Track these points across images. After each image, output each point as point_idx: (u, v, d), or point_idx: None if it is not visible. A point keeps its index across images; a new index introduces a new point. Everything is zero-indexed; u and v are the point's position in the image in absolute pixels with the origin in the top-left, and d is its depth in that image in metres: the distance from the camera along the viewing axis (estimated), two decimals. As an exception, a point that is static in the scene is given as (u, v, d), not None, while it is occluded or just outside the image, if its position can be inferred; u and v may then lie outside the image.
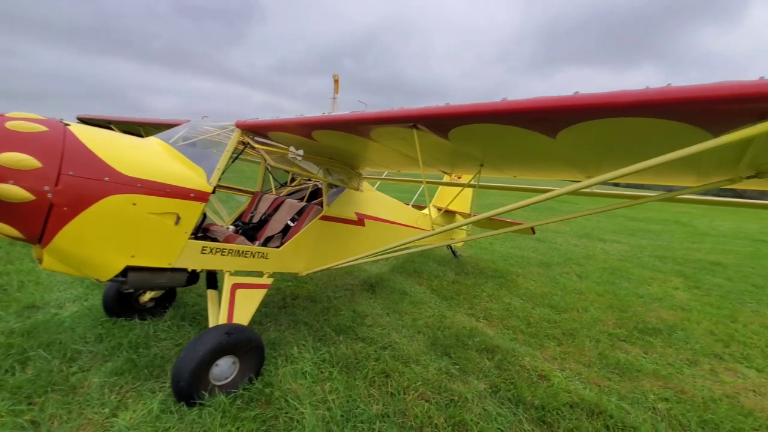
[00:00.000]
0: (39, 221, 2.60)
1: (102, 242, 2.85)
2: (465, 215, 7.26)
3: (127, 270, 3.03)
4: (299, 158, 3.77)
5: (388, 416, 3.01)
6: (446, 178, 6.39)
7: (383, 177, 6.14)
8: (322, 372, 3.51)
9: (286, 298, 5.13)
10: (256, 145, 3.47)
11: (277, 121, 3.17)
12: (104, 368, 3.30)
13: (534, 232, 6.97)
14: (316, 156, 4.07)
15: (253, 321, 4.25)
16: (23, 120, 2.64)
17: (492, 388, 3.56)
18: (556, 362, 4.19)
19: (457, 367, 3.87)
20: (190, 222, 3.19)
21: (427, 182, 4.41)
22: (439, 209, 7.12)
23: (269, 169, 5.29)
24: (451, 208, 7.08)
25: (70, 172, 2.65)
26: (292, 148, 3.72)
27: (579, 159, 2.55)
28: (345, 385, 3.33)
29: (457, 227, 3.24)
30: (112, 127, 6.52)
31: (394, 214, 5.43)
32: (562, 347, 4.53)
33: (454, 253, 8.19)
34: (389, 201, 5.46)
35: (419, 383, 3.50)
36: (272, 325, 4.35)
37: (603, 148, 2.19)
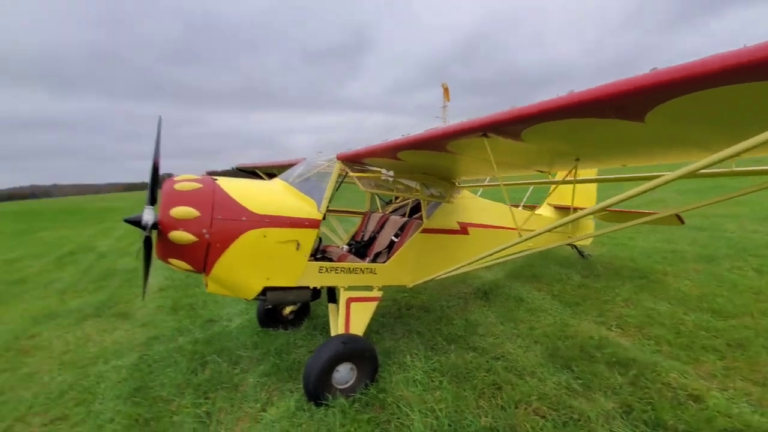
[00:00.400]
0: (201, 256, 3.40)
1: (245, 269, 3.56)
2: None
3: (266, 290, 3.71)
4: (390, 179, 4.04)
5: (497, 430, 2.97)
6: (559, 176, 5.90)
7: (485, 184, 6.01)
8: (432, 381, 3.65)
9: (401, 309, 5.43)
10: (352, 173, 3.86)
11: (365, 149, 3.51)
12: (258, 370, 4.05)
13: (682, 221, 5.84)
14: (411, 173, 4.29)
15: (370, 330, 4.67)
16: (185, 181, 3.51)
17: (623, 408, 3.16)
18: (715, 380, 3.47)
19: (580, 381, 3.55)
20: (308, 246, 3.73)
21: (524, 183, 4.23)
22: (559, 207, 6.58)
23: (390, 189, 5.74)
24: (570, 204, 6.47)
25: (219, 216, 3.40)
26: (383, 170, 4.03)
27: (687, 138, 2.17)
28: (454, 395, 3.39)
29: (556, 226, 3.02)
30: (258, 172, 7.91)
31: (499, 218, 5.27)
32: (725, 361, 3.72)
33: (580, 253, 7.40)
34: (493, 206, 5.32)
35: (534, 397, 3.33)
36: (388, 335, 4.68)
37: (711, 124, 1.84)
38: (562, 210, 6.53)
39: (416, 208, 5.50)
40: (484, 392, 3.45)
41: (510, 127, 2.16)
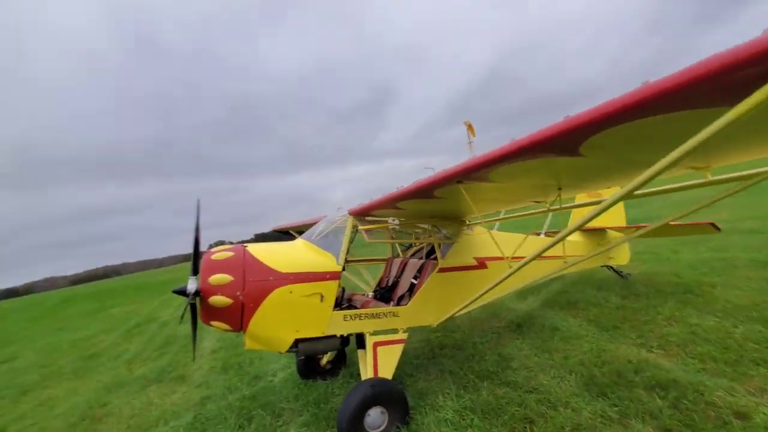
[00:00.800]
0: (238, 316, 3.80)
1: (276, 324, 3.91)
2: (618, 230, 6.41)
3: (297, 342, 4.01)
4: (397, 226, 4.35)
5: (526, 463, 2.95)
6: (579, 198, 5.94)
7: (501, 217, 6.13)
8: (463, 419, 3.68)
9: (434, 349, 5.50)
10: (360, 227, 4.22)
11: (369, 203, 3.89)
12: (298, 421, 4.26)
13: (718, 229, 5.59)
14: (417, 218, 4.58)
15: (403, 373, 4.79)
16: (220, 251, 4.02)
17: (661, 432, 3.04)
18: (765, 394, 3.24)
19: (617, 408, 3.44)
20: (331, 297, 4.05)
21: (551, 210, 4.35)
22: (585, 230, 6.51)
23: (393, 236, 6.05)
24: (601, 224, 6.40)
25: (250, 279, 3.83)
26: (390, 219, 4.36)
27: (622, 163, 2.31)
28: None
29: (547, 248, 3.15)
30: (291, 232, 8.55)
31: (520, 248, 5.34)
32: (778, 375, 3.46)
33: (619, 273, 7.12)
34: (511, 237, 5.43)
35: (567, 429, 3.28)
36: (422, 376, 4.75)
37: (634, 149, 2.01)
38: (589, 232, 6.45)
39: (433, 249, 5.72)
40: (515, 428, 3.44)
41: (475, 173, 2.43)
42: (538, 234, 6.73)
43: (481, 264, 4.96)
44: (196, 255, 3.81)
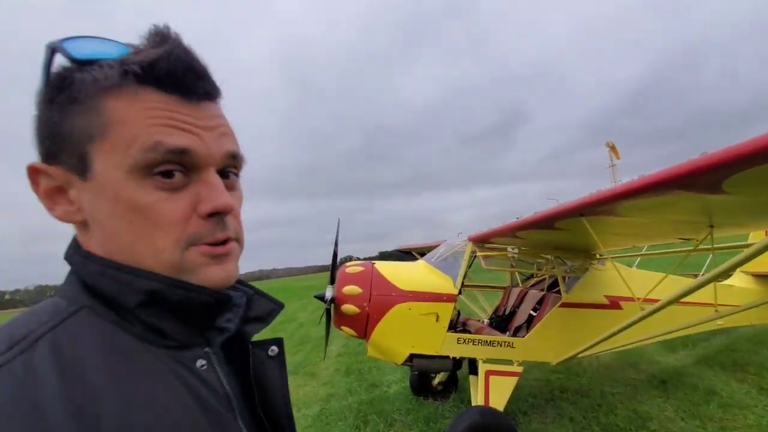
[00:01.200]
0: (363, 324, 4.29)
1: (395, 336, 4.28)
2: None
3: (412, 356, 4.30)
4: (516, 255, 4.32)
5: None
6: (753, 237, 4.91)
7: (643, 253, 5.42)
8: (581, 470, 3.40)
9: (553, 390, 5.13)
10: (479, 253, 4.33)
11: (489, 231, 4.00)
12: (408, 434, 4.51)
13: None
14: (539, 249, 4.46)
15: (517, 410, 4.63)
16: (353, 266, 4.62)
17: None
18: None
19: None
20: (446, 318, 4.24)
21: (698, 249, 3.81)
22: (759, 275, 5.29)
23: (513, 264, 5.91)
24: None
25: (375, 293, 4.30)
26: (509, 248, 4.35)
27: None
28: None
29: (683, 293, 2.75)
30: (413, 252, 9.05)
31: (667, 292, 4.67)
32: None
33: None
34: (650, 276, 4.79)
35: None
36: (536, 417, 4.51)
37: None
38: (765, 278, 5.21)
39: (556, 282, 5.40)
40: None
41: (600, 206, 2.38)
42: (696, 276, 5.73)
43: (614, 304, 4.50)
44: (334, 266, 4.47)
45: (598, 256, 4.59)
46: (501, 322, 5.12)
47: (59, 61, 0.50)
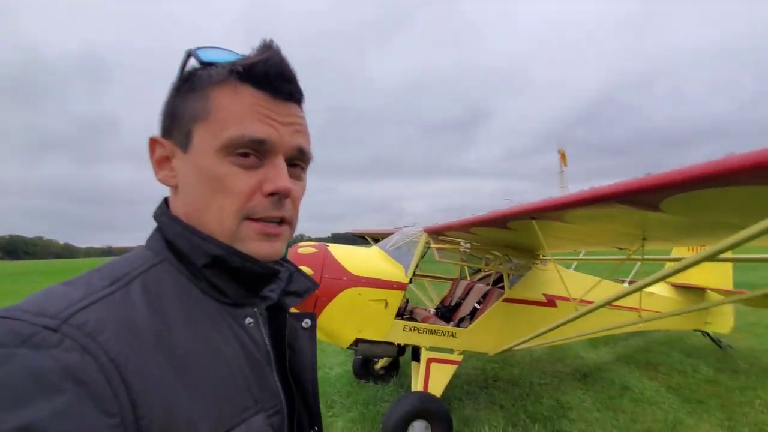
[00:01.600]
0: (311, 307, 4.20)
1: (342, 320, 4.26)
2: (721, 292, 5.68)
3: (357, 341, 4.32)
4: (468, 250, 4.45)
5: None
6: (679, 252, 5.43)
7: (581, 257, 5.81)
8: (506, 455, 3.64)
9: (488, 379, 5.42)
10: (433, 245, 4.41)
11: (445, 224, 4.06)
12: (347, 416, 4.56)
13: None
14: (489, 246, 4.63)
15: (453, 396, 4.84)
16: (305, 246, 4.52)
17: None
18: None
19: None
20: (395, 306, 4.29)
21: (632, 258, 4.12)
22: (679, 286, 5.87)
23: (464, 258, 6.11)
24: (703, 284, 5.75)
25: (327, 276, 4.25)
26: (462, 242, 4.47)
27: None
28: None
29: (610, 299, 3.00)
30: (366, 237, 9.05)
31: (599, 294, 5.06)
32: None
33: (717, 342, 6.24)
34: (585, 279, 5.15)
35: (618, 493, 3.08)
36: (470, 403, 4.75)
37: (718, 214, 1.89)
38: (685, 290, 5.80)
39: (501, 278, 5.67)
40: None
41: (551, 212, 2.49)
42: (623, 281, 6.25)
43: (550, 302, 4.80)
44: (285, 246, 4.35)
45: (541, 256, 4.85)
46: (446, 312, 5.28)
47: (192, 62, 0.65)
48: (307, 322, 0.78)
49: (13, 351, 0.43)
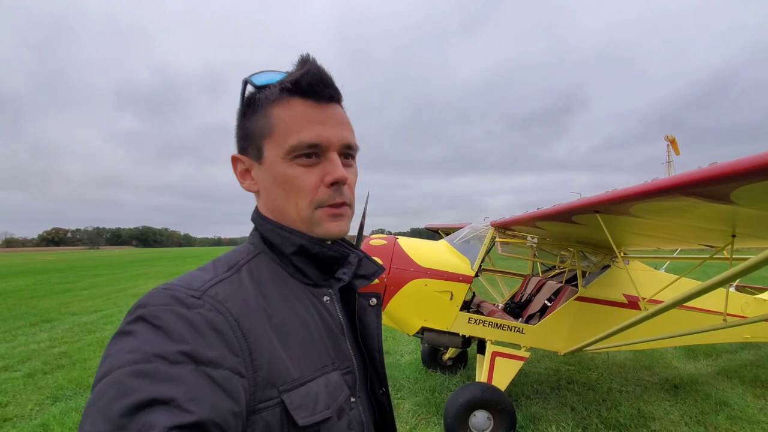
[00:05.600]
0: (380, 295, 4.55)
1: (409, 309, 4.50)
2: None
3: (423, 330, 4.53)
4: (534, 245, 4.34)
5: None
6: None
7: (674, 256, 5.23)
8: (572, 455, 3.55)
9: (561, 381, 5.22)
10: (498, 239, 4.40)
11: (511, 218, 4.05)
12: (413, 400, 4.79)
13: None
14: (561, 241, 4.46)
15: (521, 393, 4.79)
16: (377, 238, 4.83)
17: None
18: None
19: None
20: (460, 298, 4.40)
21: (733, 258, 3.69)
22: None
23: (535, 254, 5.91)
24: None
25: (395, 266, 4.52)
26: (529, 237, 4.38)
27: None
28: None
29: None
30: (439, 232, 9.16)
31: (693, 298, 4.57)
32: None
33: None
34: (684, 283, 4.68)
35: None
36: (539, 402, 4.65)
37: None
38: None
39: (576, 275, 5.38)
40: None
41: (613, 205, 2.41)
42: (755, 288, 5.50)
43: (632, 304, 4.47)
44: (359, 238, 4.71)
45: (622, 254, 4.53)
46: (516, 308, 5.21)
47: (249, 88, 0.79)
48: (373, 301, 0.91)
49: (175, 308, 0.60)
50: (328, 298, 0.82)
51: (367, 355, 0.88)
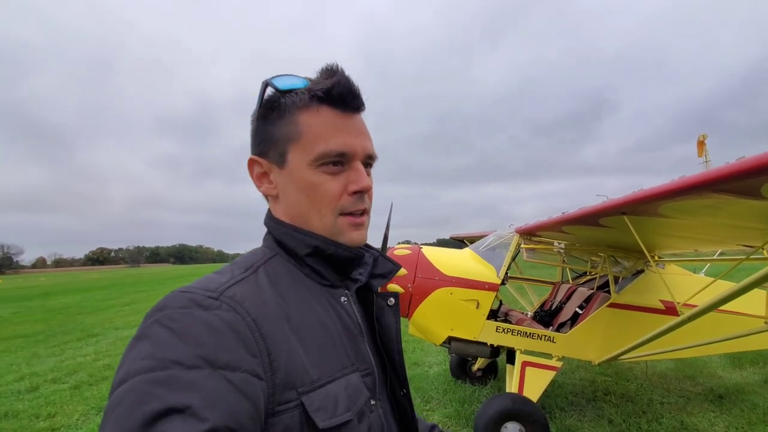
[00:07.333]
0: (406, 304, 4.53)
1: (435, 318, 4.49)
2: None
3: (450, 339, 4.49)
4: (561, 250, 4.26)
5: None
6: None
7: (715, 257, 4.96)
8: (610, 468, 3.40)
9: (597, 392, 5.03)
10: (523, 245, 4.34)
11: (535, 224, 3.99)
12: (442, 411, 4.73)
13: None
14: (589, 246, 4.35)
15: (555, 405, 4.66)
16: (401, 248, 4.87)
17: None
18: None
19: None
20: (486, 306, 4.35)
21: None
22: None
23: (564, 260, 5.76)
24: None
25: (420, 276, 4.53)
26: (555, 242, 4.29)
27: None
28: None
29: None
30: (464, 241, 9.09)
31: (734, 302, 4.33)
32: None
33: None
34: (720, 286, 4.45)
35: None
36: (574, 414, 4.49)
37: None
38: None
39: (608, 281, 5.21)
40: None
41: (641, 205, 2.36)
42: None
43: (670, 310, 4.28)
44: (384, 248, 4.77)
45: (656, 258, 4.37)
46: (545, 316, 5.09)
47: (268, 91, 0.78)
48: (391, 301, 0.89)
49: (192, 311, 0.59)
50: (346, 299, 0.81)
51: (386, 356, 0.86)
